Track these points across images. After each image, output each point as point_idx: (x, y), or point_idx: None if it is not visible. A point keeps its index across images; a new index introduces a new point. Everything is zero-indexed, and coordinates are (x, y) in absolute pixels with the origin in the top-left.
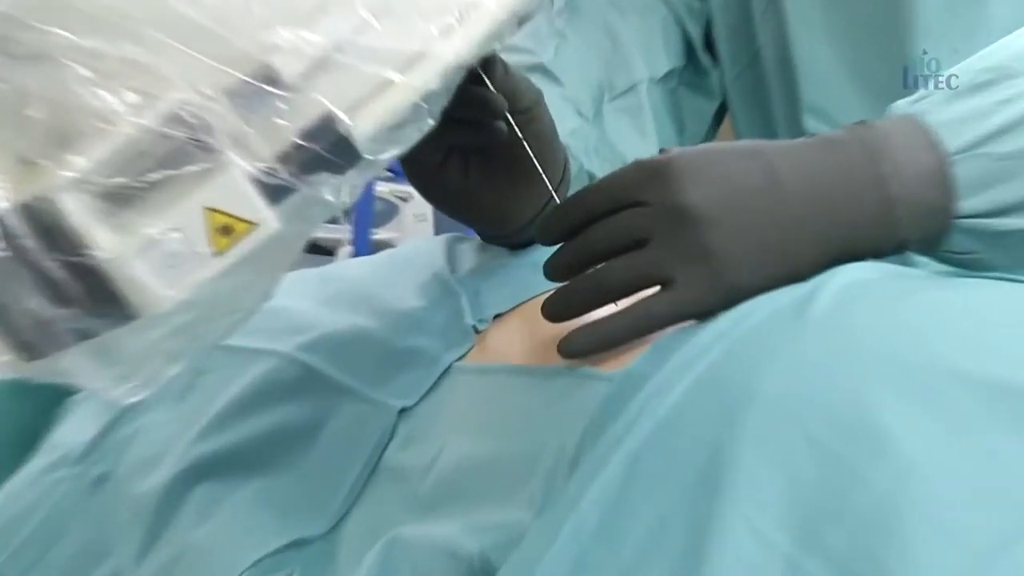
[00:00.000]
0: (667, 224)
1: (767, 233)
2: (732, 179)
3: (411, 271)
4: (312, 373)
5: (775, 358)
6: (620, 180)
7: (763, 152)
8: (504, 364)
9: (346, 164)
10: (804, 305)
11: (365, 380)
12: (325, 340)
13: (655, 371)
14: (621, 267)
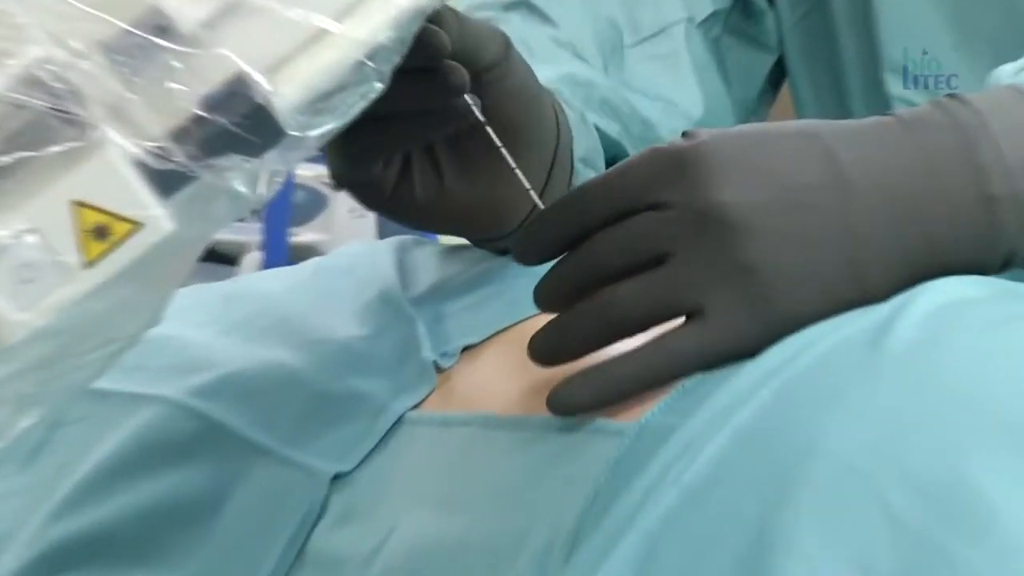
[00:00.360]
0: (695, 233)
1: (827, 244)
2: (780, 173)
3: (348, 287)
4: (212, 427)
5: (841, 405)
6: (631, 174)
7: (820, 136)
8: (477, 413)
9: (264, 143)
10: (880, 335)
11: (285, 436)
12: (230, 382)
13: (681, 422)
14: (634, 292)
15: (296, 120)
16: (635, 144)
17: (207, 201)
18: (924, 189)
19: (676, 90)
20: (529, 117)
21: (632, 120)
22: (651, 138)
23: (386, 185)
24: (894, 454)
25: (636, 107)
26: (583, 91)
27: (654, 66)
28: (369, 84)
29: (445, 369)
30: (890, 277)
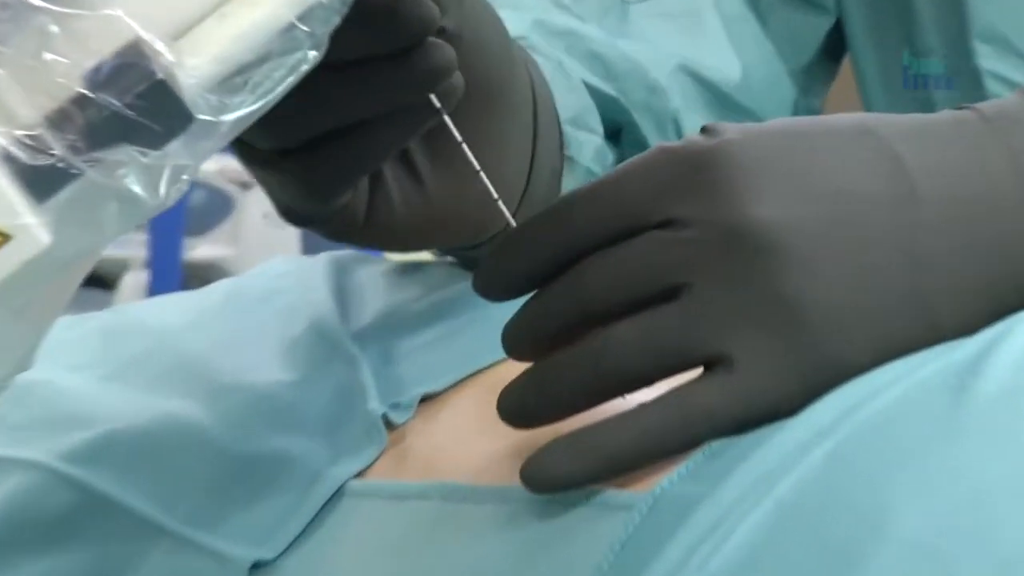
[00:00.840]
0: (719, 259)
1: (889, 272)
2: (829, 181)
3: (269, 319)
4: (94, 499)
5: (915, 471)
6: (633, 182)
7: (879, 134)
8: (441, 483)
9: (166, 130)
10: (965, 380)
11: (189, 513)
12: (115, 442)
13: (708, 493)
14: (636, 335)
15: (207, 101)
16: (641, 114)
17: (94, 206)
18: (1011, 204)
19: (700, 52)
20: (500, 76)
21: (632, 81)
22: (658, 108)
23: (358, 209)
24: (982, 535)
25: (639, 65)
26: (562, 42)
27: (668, 25)
28: (301, 52)
29: (398, 425)
30: (967, 314)
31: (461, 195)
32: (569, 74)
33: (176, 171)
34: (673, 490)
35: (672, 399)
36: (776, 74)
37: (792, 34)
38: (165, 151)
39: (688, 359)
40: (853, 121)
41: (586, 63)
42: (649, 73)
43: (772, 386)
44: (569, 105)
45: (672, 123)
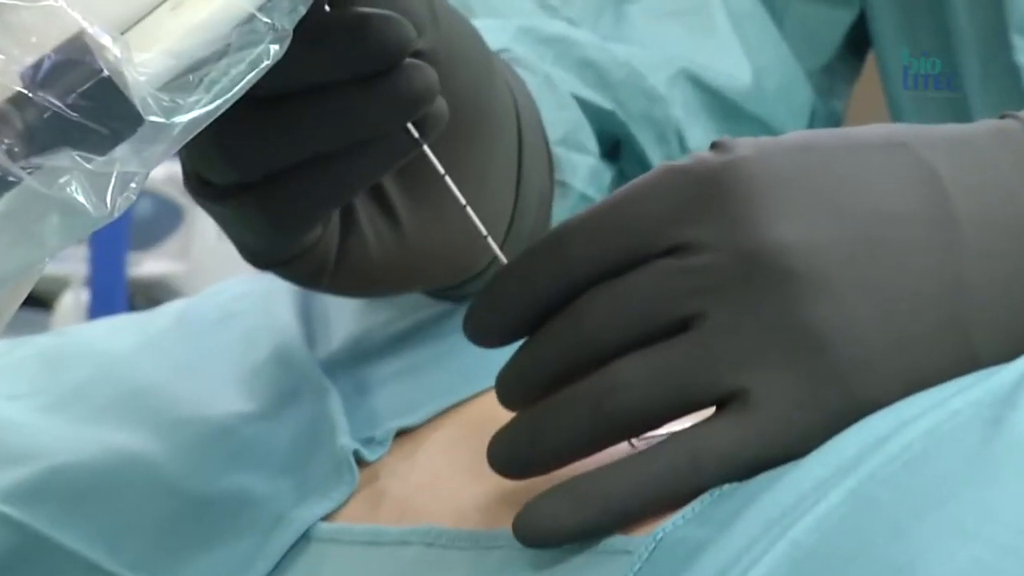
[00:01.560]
0: (735, 287)
1: (925, 300)
2: (858, 200)
3: (228, 344)
4: (32, 541)
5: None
6: (637, 206)
7: (912, 147)
8: (421, 527)
9: (113, 133)
10: (1001, 410)
11: (138, 557)
12: (57, 479)
13: (716, 536)
14: (643, 374)
15: (158, 101)
16: (640, 126)
17: (33, 217)
18: None
19: (706, 54)
20: (480, 98)
21: (629, 90)
22: (658, 118)
23: (328, 251)
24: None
25: (636, 72)
26: (551, 51)
27: (671, 25)
28: (262, 47)
29: (371, 463)
30: (1007, 348)
31: (441, 233)
32: (558, 89)
33: (124, 179)
34: (676, 534)
35: (682, 441)
36: (791, 77)
37: (811, 30)
38: (112, 156)
39: (701, 397)
40: (882, 133)
41: (578, 72)
42: (647, 80)
43: (791, 426)
44: (559, 124)
45: (675, 135)
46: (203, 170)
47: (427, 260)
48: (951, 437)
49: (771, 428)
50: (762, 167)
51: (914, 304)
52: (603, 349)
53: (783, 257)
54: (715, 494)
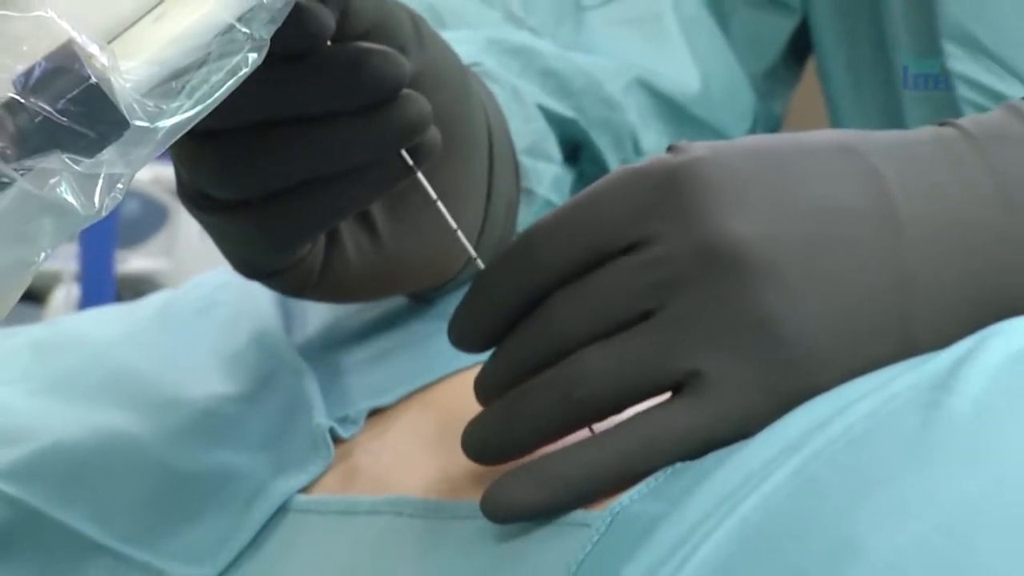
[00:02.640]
0: (691, 277)
1: (872, 293)
2: (809, 198)
3: (209, 331)
4: (26, 515)
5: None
6: (598, 208)
7: (859, 151)
8: (391, 497)
9: (100, 137)
10: (938, 395)
11: (126, 530)
12: (49, 458)
13: (670, 511)
14: (605, 363)
15: (143, 106)
16: (599, 132)
17: (25, 216)
18: (997, 224)
19: (658, 60)
20: (458, 115)
21: (589, 98)
22: (616, 123)
23: (313, 264)
24: (952, 556)
25: (595, 80)
26: (517, 61)
27: (626, 32)
28: (241, 56)
29: (345, 440)
30: (947, 339)
31: (418, 246)
32: (525, 101)
33: (111, 180)
34: (632, 508)
35: (638, 423)
36: (735, 83)
37: (755, 35)
38: (99, 159)
39: (660, 381)
40: (830, 137)
41: (541, 82)
42: (605, 87)
43: (742, 408)
44: (525, 135)
45: (630, 139)
46: (203, 185)
47: (404, 270)
48: (890, 420)
49: (722, 410)
50: (716, 167)
51: (859, 296)
52: (571, 345)
53: (737, 250)
54: (668, 471)
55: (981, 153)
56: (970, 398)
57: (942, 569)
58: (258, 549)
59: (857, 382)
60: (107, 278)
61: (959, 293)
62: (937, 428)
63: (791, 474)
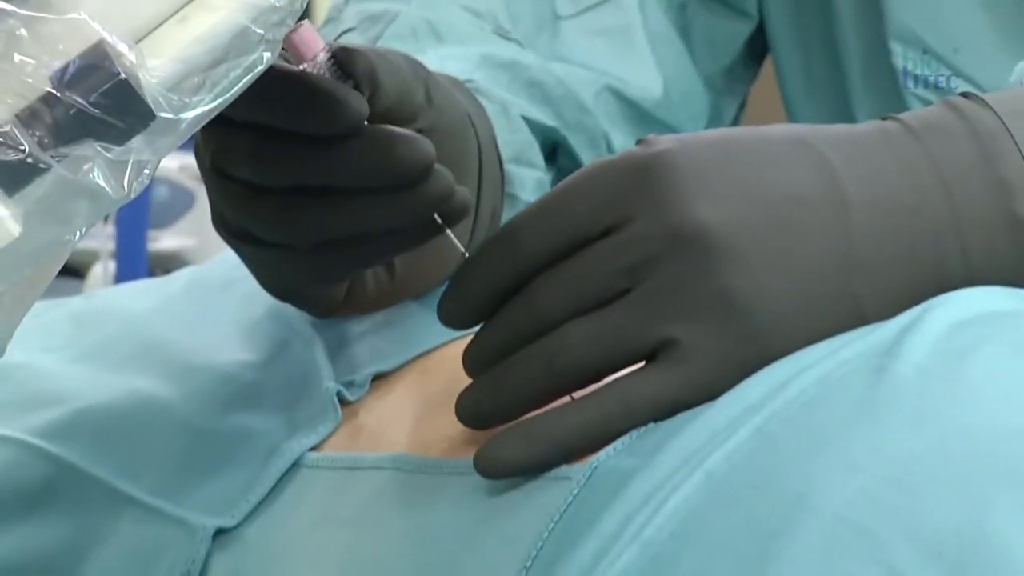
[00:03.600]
0: (663, 258)
1: (823, 272)
2: (766, 186)
3: (229, 304)
4: (67, 471)
5: (837, 448)
6: (574, 198)
7: (811, 143)
8: (392, 454)
9: (129, 127)
10: (885, 360)
11: (155, 484)
12: (86, 419)
13: (643, 465)
14: (586, 335)
15: (168, 99)
16: (576, 138)
17: (61, 199)
18: (936, 209)
19: (624, 69)
20: (459, 150)
21: (566, 104)
22: (589, 126)
23: (339, 294)
24: (901, 507)
25: (571, 88)
26: (506, 74)
27: (598, 42)
28: (256, 54)
29: (351, 402)
30: (894, 309)
31: (429, 270)
32: (511, 114)
33: (138, 166)
34: (609, 463)
35: (616, 388)
36: (692, 88)
37: (714, 39)
38: (128, 147)
39: (635, 350)
40: (786, 131)
41: (527, 92)
42: (579, 94)
43: (709, 374)
44: (511, 144)
45: (603, 139)
46: (252, 229)
47: (413, 290)
48: (841, 383)
49: (692, 375)
50: (683, 157)
51: (812, 274)
52: (553, 322)
53: (704, 234)
54: (642, 430)
55: (921, 145)
56: (914, 363)
57: (889, 518)
58: (273, 501)
59: (811, 349)
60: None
61: (902, 271)
62: (884, 390)
63: (752, 432)
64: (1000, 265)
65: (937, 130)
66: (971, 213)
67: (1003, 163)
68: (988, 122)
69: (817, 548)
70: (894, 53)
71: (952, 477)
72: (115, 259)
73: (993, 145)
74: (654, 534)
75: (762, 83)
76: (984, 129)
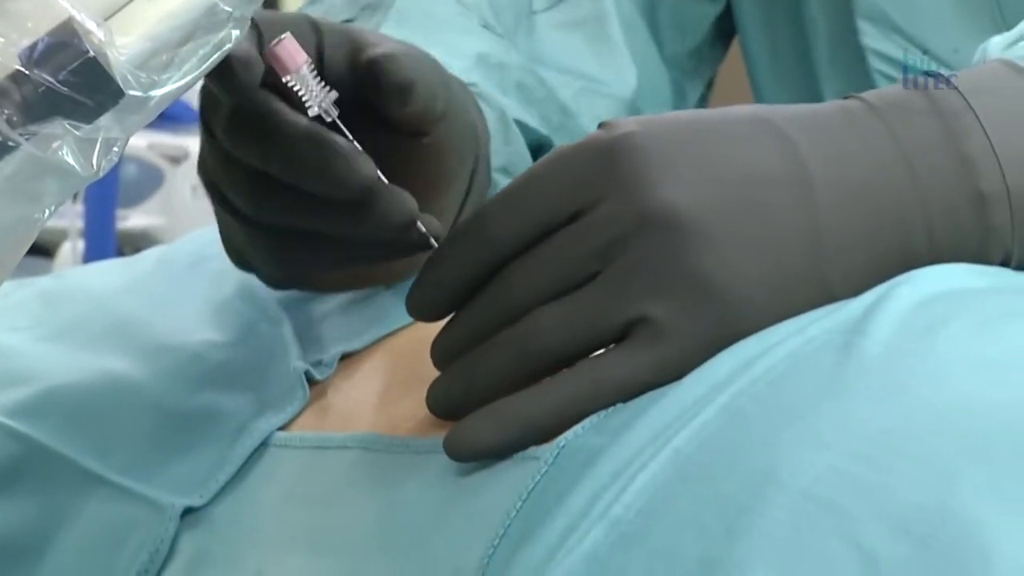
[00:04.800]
0: (632, 239)
1: (791, 250)
2: (731, 165)
3: (198, 284)
4: (36, 450)
5: (804, 424)
6: (539, 185)
7: (775, 123)
8: (360, 434)
9: (98, 105)
10: (852, 337)
11: (124, 463)
12: (55, 398)
13: (609, 444)
14: (558, 319)
15: (136, 77)
16: (558, 139)
17: (30, 177)
18: (900, 187)
19: (601, 65)
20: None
21: (549, 106)
22: (571, 128)
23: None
24: (869, 484)
25: (552, 89)
26: (496, 75)
27: (571, 36)
28: (225, 32)
29: (319, 382)
30: (862, 286)
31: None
32: (509, 123)
33: (107, 144)
34: (577, 442)
35: (586, 369)
36: (658, 77)
37: (682, 22)
38: (97, 125)
39: (605, 331)
40: (748, 111)
41: (515, 94)
42: (559, 95)
43: (679, 352)
44: (503, 154)
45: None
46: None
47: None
48: (808, 360)
49: (663, 354)
50: (646, 138)
51: (780, 252)
52: (523, 310)
53: (671, 213)
54: (609, 409)
55: (884, 123)
56: (881, 340)
57: (857, 495)
58: (241, 481)
59: (778, 327)
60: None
61: (867, 247)
62: (851, 367)
63: (720, 409)
64: (964, 241)
65: (900, 108)
66: (935, 190)
67: (966, 140)
68: (951, 100)
69: (785, 524)
70: (862, 32)
71: (919, 453)
72: (84, 238)
73: (956, 122)
74: (622, 512)
75: (729, 64)
76: (947, 107)
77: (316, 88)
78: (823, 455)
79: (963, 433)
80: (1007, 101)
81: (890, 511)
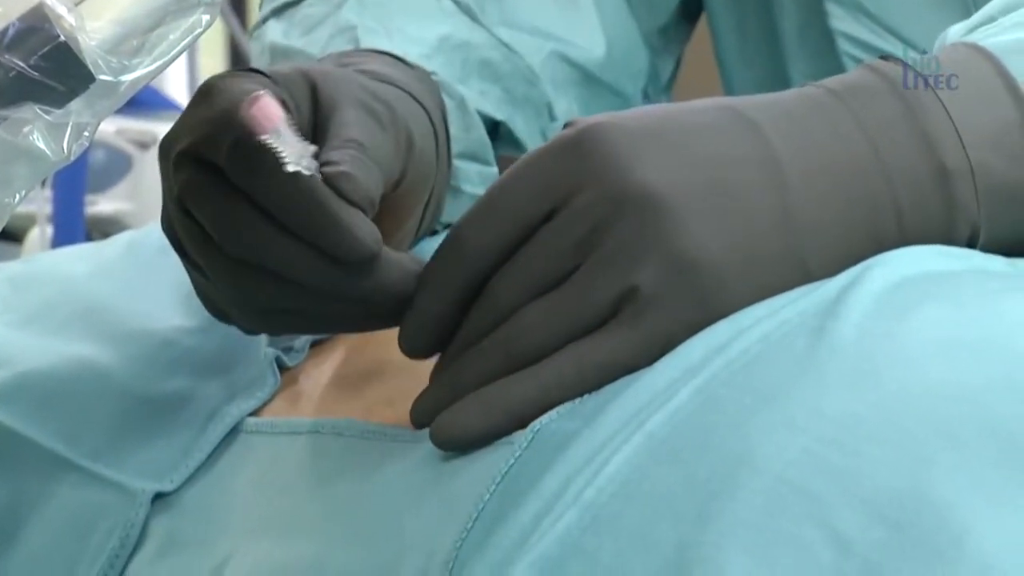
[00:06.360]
0: (607, 226)
1: (764, 229)
2: (702, 148)
3: (168, 269)
4: (3, 435)
5: (777, 408)
6: (513, 189)
7: (740, 110)
8: (331, 420)
9: (69, 90)
10: (824, 320)
11: (94, 449)
12: (24, 383)
13: (583, 428)
14: (542, 313)
15: (107, 62)
16: (523, 112)
17: (1, 162)
18: (864, 164)
19: (569, 26)
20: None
21: (514, 79)
22: (536, 98)
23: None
24: (841, 467)
25: (518, 61)
26: (459, 56)
27: (544, 2)
28: (195, 16)
29: (290, 368)
30: (833, 266)
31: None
32: (468, 110)
33: (78, 128)
34: (551, 426)
35: (569, 354)
36: (632, 45)
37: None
38: (68, 109)
39: (588, 318)
40: (712, 101)
41: (479, 71)
42: (525, 61)
43: (661, 334)
44: (463, 140)
45: (546, 108)
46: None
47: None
48: (781, 343)
49: (643, 333)
50: (613, 128)
51: (754, 232)
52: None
53: (646, 193)
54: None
55: (845, 104)
56: (853, 323)
57: (830, 479)
58: (212, 466)
59: (751, 309)
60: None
61: (838, 223)
62: (824, 350)
63: (693, 393)
64: (931, 216)
65: (859, 89)
66: (898, 166)
67: (926, 118)
68: (909, 80)
69: (758, 508)
70: (830, 15)
71: (893, 438)
72: (52, 223)
73: (916, 102)
74: (595, 495)
75: (695, 44)
76: (907, 87)
77: (296, 143)
78: (796, 439)
79: (937, 417)
80: (968, 82)
81: (864, 495)
